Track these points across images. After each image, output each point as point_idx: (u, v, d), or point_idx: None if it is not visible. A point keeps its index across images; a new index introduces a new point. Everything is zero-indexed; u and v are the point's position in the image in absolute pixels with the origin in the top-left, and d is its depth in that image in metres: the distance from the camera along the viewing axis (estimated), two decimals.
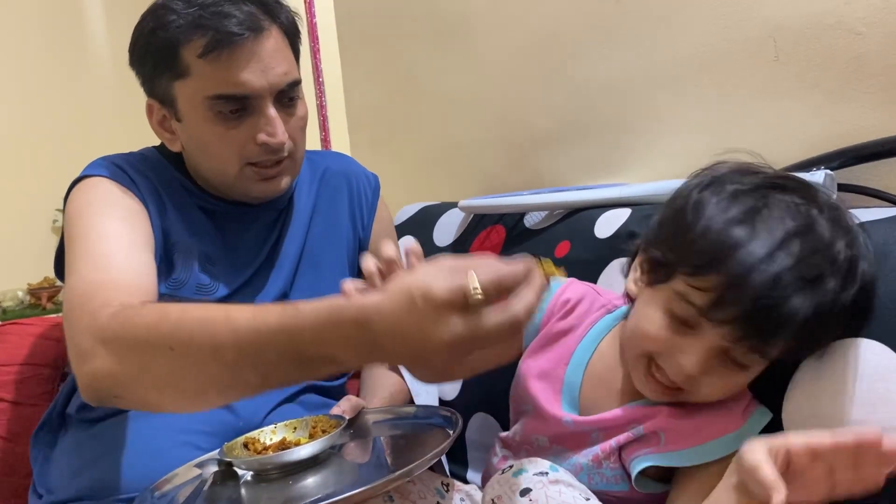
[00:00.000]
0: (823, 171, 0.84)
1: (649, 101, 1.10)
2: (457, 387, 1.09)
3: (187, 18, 0.84)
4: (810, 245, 0.63)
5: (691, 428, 0.69)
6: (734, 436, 0.68)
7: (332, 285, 1.02)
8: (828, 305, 0.63)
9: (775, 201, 0.66)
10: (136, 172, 0.93)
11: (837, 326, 0.66)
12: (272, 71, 0.87)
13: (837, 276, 0.63)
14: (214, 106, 0.86)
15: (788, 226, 0.64)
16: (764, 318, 0.62)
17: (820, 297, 0.62)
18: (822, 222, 0.65)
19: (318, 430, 0.77)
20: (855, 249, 0.65)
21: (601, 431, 0.74)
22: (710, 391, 0.68)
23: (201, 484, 0.75)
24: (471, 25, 1.38)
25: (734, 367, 0.67)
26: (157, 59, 0.88)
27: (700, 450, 0.68)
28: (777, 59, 0.94)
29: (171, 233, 0.92)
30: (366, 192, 1.09)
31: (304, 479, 0.70)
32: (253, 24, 0.85)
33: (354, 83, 1.72)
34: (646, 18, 1.09)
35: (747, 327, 0.63)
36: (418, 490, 0.73)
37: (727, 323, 0.63)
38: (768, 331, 0.63)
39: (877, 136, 0.86)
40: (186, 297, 0.91)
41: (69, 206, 0.89)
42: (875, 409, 0.64)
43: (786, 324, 0.62)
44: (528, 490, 0.63)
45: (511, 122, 1.33)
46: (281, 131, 0.88)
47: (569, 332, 0.81)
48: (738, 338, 0.64)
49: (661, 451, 0.69)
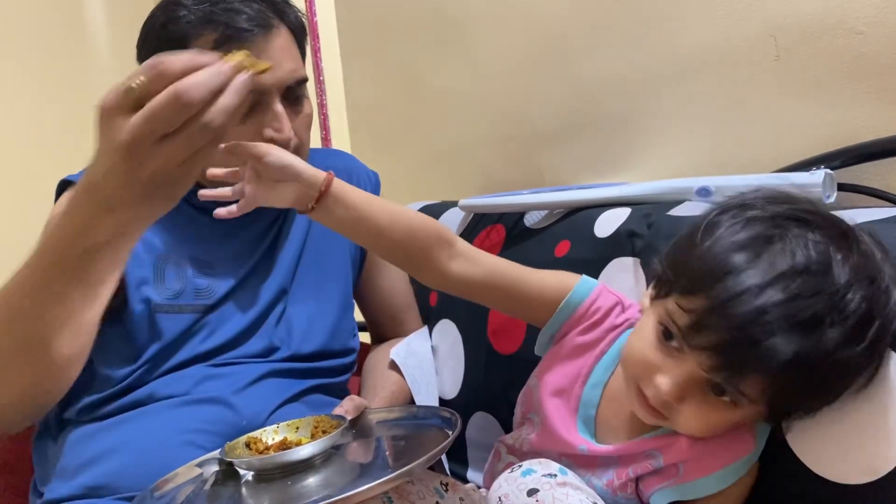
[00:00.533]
0: (824, 170, 0.84)
1: (650, 100, 1.10)
2: (457, 386, 1.09)
3: (198, 14, 0.85)
4: (813, 285, 0.58)
5: (709, 454, 0.67)
6: (748, 458, 0.67)
7: (335, 282, 1.03)
8: (820, 357, 0.57)
9: (793, 234, 0.60)
10: None
11: (837, 384, 0.61)
12: (281, 67, 0.88)
13: (841, 326, 0.57)
14: None
15: (796, 261, 0.58)
16: (739, 351, 0.58)
17: (811, 343, 0.57)
18: (840, 265, 0.59)
19: (320, 430, 0.77)
20: (874, 304, 0.59)
21: (616, 458, 0.72)
22: (690, 423, 0.65)
23: (202, 483, 0.76)
24: (471, 24, 1.38)
25: (715, 401, 0.63)
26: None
27: (719, 476, 0.66)
28: (778, 59, 0.94)
29: (160, 245, 0.92)
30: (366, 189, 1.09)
31: (305, 479, 0.70)
32: (263, 20, 0.87)
33: (355, 82, 1.72)
34: (646, 18, 1.09)
35: (722, 357, 0.59)
36: (417, 490, 0.74)
37: (704, 349, 0.60)
38: (742, 365, 0.59)
39: (877, 135, 0.86)
40: (187, 303, 0.91)
41: (50, 215, 0.93)
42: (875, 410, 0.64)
43: (762, 362, 0.57)
44: (536, 490, 0.63)
45: (511, 122, 1.33)
46: (288, 127, 0.89)
47: (590, 347, 0.77)
48: (713, 367, 0.60)
49: (680, 483, 0.68)
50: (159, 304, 0.90)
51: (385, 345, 1.12)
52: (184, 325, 0.91)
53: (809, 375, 0.59)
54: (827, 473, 0.66)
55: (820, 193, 0.83)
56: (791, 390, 0.61)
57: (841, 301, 0.58)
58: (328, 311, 1.01)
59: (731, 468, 0.67)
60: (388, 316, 1.14)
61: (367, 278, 1.11)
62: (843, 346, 0.58)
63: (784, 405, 0.64)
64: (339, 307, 1.02)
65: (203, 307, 0.92)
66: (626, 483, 0.71)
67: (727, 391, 0.62)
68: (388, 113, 1.65)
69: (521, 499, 0.63)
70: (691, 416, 0.64)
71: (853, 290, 0.58)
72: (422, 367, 1.08)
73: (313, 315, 0.99)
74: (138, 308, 0.89)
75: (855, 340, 0.58)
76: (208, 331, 0.92)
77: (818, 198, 0.83)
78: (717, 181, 0.92)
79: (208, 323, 0.92)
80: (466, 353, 1.09)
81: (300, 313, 0.98)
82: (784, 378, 0.59)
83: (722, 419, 0.64)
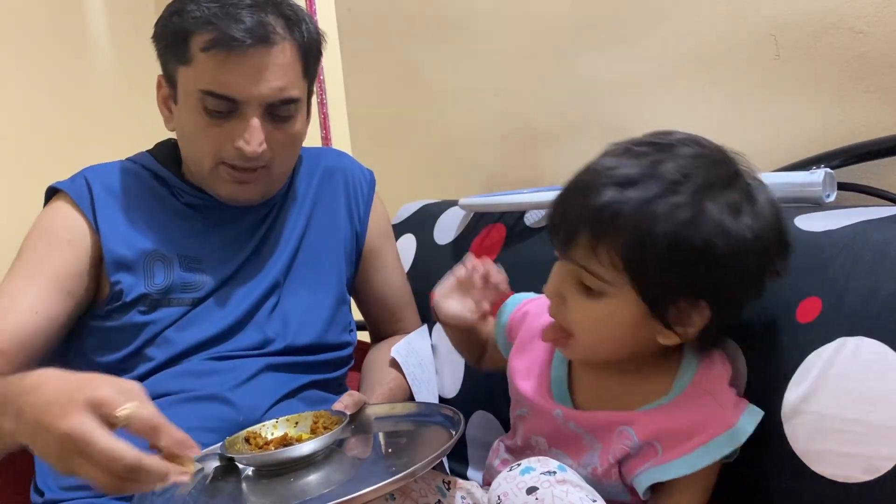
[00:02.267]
0: (824, 169, 0.84)
1: (650, 98, 1.11)
2: (457, 385, 1.09)
3: (204, 12, 0.87)
4: (640, 164, 0.64)
5: (685, 430, 0.68)
6: (728, 434, 0.67)
7: (329, 276, 1.04)
8: (634, 209, 0.62)
9: (640, 152, 0.66)
10: (105, 190, 0.95)
11: (678, 257, 0.63)
12: (267, 84, 0.88)
13: (657, 183, 0.63)
14: (204, 100, 0.88)
15: (636, 161, 0.65)
16: (566, 208, 0.67)
17: (622, 196, 0.63)
18: (667, 164, 0.64)
19: (320, 425, 0.77)
20: (691, 168, 0.64)
21: (592, 434, 0.73)
22: (578, 322, 0.69)
23: (202, 479, 0.76)
24: (472, 23, 1.38)
25: (588, 297, 0.67)
26: (169, 41, 0.91)
27: (698, 454, 0.67)
28: (778, 58, 0.95)
29: (147, 243, 0.93)
30: (361, 187, 1.10)
31: (306, 475, 0.70)
32: (261, 34, 0.86)
33: (355, 81, 1.72)
34: (647, 16, 1.09)
35: (552, 223, 0.69)
36: (420, 488, 0.74)
37: (548, 230, 0.70)
38: (569, 222, 0.66)
39: (877, 134, 0.86)
40: (176, 297, 0.92)
41: (32, 225, 0.95)
42: (876, 409, 0.64)
43: (583, 213, 0.64)
44: (535, 489, 0.63)
45: (512, 120, 1.33)
46: (257, 143, 0.89)
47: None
48: (553, 236, 0.69)
49: (660, 464, 0.68)
50: (149, 298, 0.91)
51: (385, 342, 1.12)
52: (174, 316, 0.92)
53: (637, 239, 0.63)
54: (826, 472, 0.66)
55: (820, 192, 0.83)
56: (635, 262, 0.64)
57: (658, 167, 0.64)
58: (323, 303, 1.01)
59: (711, 444, 0.67)
60: (387, 313, 1.14)
61: (364, 275, 1.11)
62: (657, 198, 0.62)
63: (646, 285, 0.65)
64: (334, 301, 1.03)
65: (192, 300, 0.93)
66: (609, 469, 0.71)
67: (590, 280, 0.66)
68: (388, 112, 1.66)
69: (520, 497, 0.63)
70: (576, 313, 0.69)
71: (668, 164, 0.64)
72: (422, 366, 1.08)
73: (308, 307, 0.99)
74: (128, 303, 0.90)
75: (668, 193, 0.63)
76: (199, 322, 0.92)
77: (818, 197, 0.84)
78: None
79: (198, 315, 0.92)
80: None
81: (294, 305, 0.98)
82: (613, 241, 0.64)
83: (603, 312, 0.67)
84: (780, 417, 0.70)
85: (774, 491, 0.70)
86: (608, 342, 0.70)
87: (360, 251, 1.09)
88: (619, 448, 0.70)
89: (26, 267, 0.90)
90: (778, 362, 0.72)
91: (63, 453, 0.57)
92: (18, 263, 0.91)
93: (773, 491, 0.70)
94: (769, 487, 0.71)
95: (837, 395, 0.67)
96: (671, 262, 0.63)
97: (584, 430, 0.74)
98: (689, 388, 0.70)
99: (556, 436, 0.76)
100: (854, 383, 0.66)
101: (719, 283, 0.65)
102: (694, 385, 0.70)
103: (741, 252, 0.63)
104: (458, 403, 1.07)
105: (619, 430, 0.71)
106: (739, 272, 0.65)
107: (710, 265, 0.63)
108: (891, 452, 0.62)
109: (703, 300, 0.66)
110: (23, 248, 0.93)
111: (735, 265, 0.64)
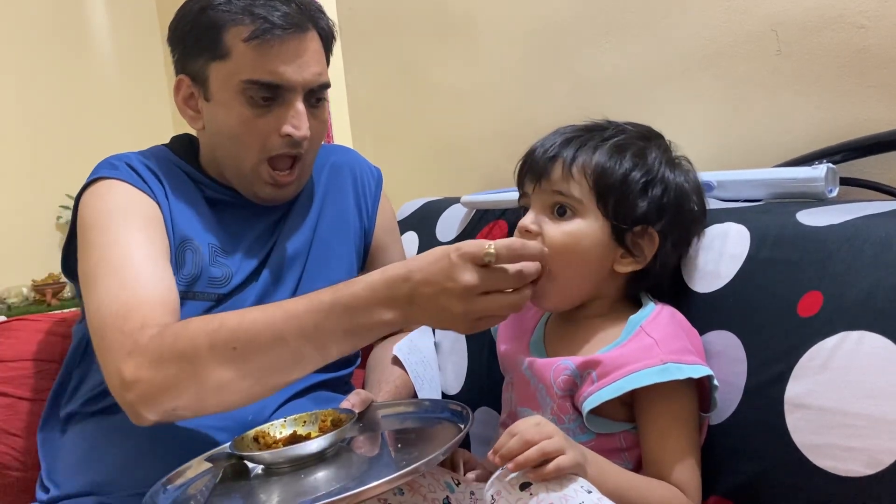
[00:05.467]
0: (826, 164, 0.84)
1: (651, 95, 1.11)
2: (460, 381, 1.10)
3: (238, 5, 0.88)
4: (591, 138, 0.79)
5: (619, 362, 0.73)
6: (662, 368, 0.71)
7: (341, 274, 1.04)
8: (603, 136, 0.78)
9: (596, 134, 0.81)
10: (148, 173, 0.94)
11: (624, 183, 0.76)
12: (308, 69, 0.90)
13: (615, 128, 0.80)
14: (248, 90, 0.89)
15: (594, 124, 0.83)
16: (531, 158, 0.81)
17: (594, 132, 0.79)
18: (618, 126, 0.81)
19: (328, 423, 0.78)
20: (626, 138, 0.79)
21: (538, 378, 0.79)
22: (551, 241, 0.76)
23: (213, 478, 0.76)
24: (473, 20, 1.38)
25: (561, 220, 0.77)
26: (198, 37, 0.91)
27: (629, 379, 0.71)
28: (779, 53, 0.95)
29: (182, 230, 0.93)
30: (369, 184, 1.10)
31: (315, 472, 0.71)
32: (298, 21, 0.89)
33: (357, 78, 1.72)
34: (648, 14, 1.09)
35: (527, 163, 0.81)
36: (428, 483, 0.74)
37: (521, 174, 0.82)
38: (538, 166, 0.79)
39: (879, 129, 0.86)
40: (200, 291, 0.92)
41: (84, 211, 0.89)
42: (877, 402, 0.65)
43: (546, 156, 0.79)
44: (528, 484, 0.63)
45: (513, 117, 1.33)
46: (306, 126, 0.91)
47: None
48: (522, 178, 0.81)
49: (596, 391, 0.73)
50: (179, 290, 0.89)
51: (388, 340, 1.12)
52: (198, 311, 0.91)
53: (605, 162, 0.76)
54: (828, 466, 0.67)
55: (822, 187, 0.83)
56: (603, 182, 0.76)
57: (612, 124, 0.81)
58: None
59: (642, 373, 0.71)
60: None
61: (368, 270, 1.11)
62: (618, 134, 0.79)
63: (609, 204, 0.76)
64: None
65: (216, 296, 0.93)
66: (562, 404, 0.76)
67: (562, 204, 0.77)
68: (389, 109, 1.66)
69: (514, 494, 0.63)
70: (551, 236, 0.77)
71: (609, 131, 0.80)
72: (424, 363, 1.09)
73: None
74: None
75: (621, 133, 0.79)
76: None
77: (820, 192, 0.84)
78: (719, 176, 0.93)
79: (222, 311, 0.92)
80: (469, 348, 1.10)
81: None
82: (585, 164, 0.77)
83: (573, 229, 0.77)
84: (783, 411, 0.71)
85: (777, 485, 0.71)
86: (576, 264, 0.77)
87: (368, 247, 1.10)
88: (562, 379, 0.76)
89: (141, 250, 0.85)
90: (779, 356, 0.72)
91: (467, 304, 0.67)
92: (123, 236, 0.85)
93: (776, 485, 0.71)
94: (771, 482, 0.71)
95: (839, 389, 0.67)
96: (630, 183, 0.76)
97: (532, 374, 0.80)
98: (634, 334, 0.75)
99: (522, 388, 0.82)
100: (856, 377, 0.66)
101: (664, 210, 0.77)
102: (640, 330, 0.75)
103: (681, 187, 0.79)
104: (462, 400, 1.07)
105: (556, 364, 0.77)
106: (679, 205, 0.78)
107: (660, 192, 0.77)
108: (893, 446, 0.63)
109: (653, 227, 0.77)
110: (107, 232, 0.86)
111: (676, 197, 0.78)
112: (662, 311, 0.78)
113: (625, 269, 0.78)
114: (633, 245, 0.78)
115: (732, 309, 0.78)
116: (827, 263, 0.72)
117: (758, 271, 0.78)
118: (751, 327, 0.76)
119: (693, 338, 0.77)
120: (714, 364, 0.77)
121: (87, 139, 2.11)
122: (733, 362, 0.76)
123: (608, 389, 0.72)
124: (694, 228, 0.83)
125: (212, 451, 0.80)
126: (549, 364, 0.78)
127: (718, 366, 0.77)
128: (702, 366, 0.72)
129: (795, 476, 0.69)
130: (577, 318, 0.81)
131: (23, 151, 2.14)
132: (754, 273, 0.78)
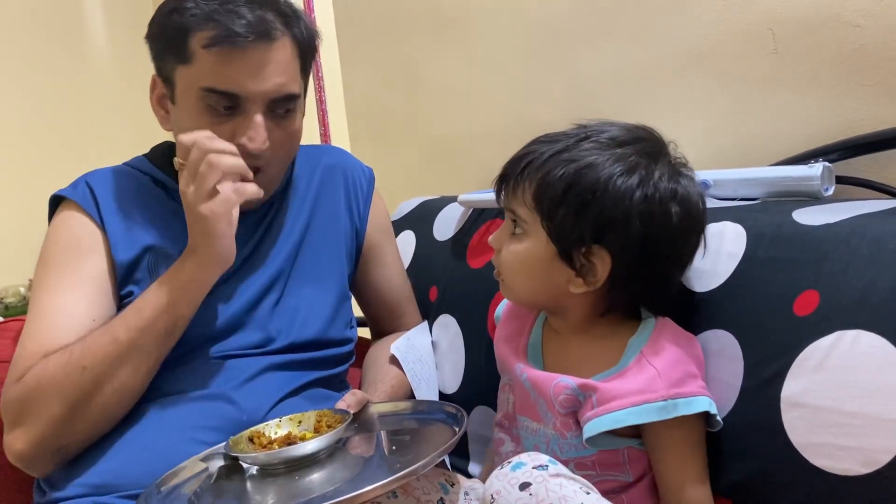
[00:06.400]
0: (822, 163, 0.84)
1: (648, 94, 1.11)
2: (458, 380, 1.10)
3: (203, 9, 0.87)
4: (560, 135, 0.78)
5: (620, 392, 0.71)
6: (659, 406, 0.70)
7: (331, 272, 1.04)
8: (544, 153, 0.75)
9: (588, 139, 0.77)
10: (107, 194, 0.95)
11: (578, 200, 0.72)
12: (270, 79, 0.88)
13: (566, 139, 0.76)
14: (206, 98, 0.88)
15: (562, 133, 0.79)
16: (500, 175, 0.80)
17: (540, 148, 0.77)
18: (586, 131, 0.77)
19: (323, 424, 0.78)
20: (599, 134, 0.76)
21: (536, 391, 0.77)
22: (504, 258, 0.79)
23: (207, 478, 0.76)
24: (470, 18, 1.38)
25: (515, 235, 0.78)
26: (167, 40, 0.90)
27: (626, 413, 0.70)
28: (776, 52, 0.95)
29: (150, 243, 0.93)
30: (361, 184, 1.10)
31: (310, 473, 0.71)
32: (262, 30, 0.87)
33: (353, 78, 1.72)
34: (645, 12, 1.09)
35: (500, 181, 0.80)
36: (422, 486, 0.74)
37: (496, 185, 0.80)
38: (510, 181, 0.78)
39: (875, 128, 0.86)
40: None
41: (46, 237, 0.96)
42: (874, 401, 0.64)
43: (515, 171, 0.77)
44: (528, 484, 0.63)
45: (510, 116, 1.33)
46: (262, 139, 0.89)
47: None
48: (496, 194, 0.80)
49: (597, 416, 0.71)
50: None
51: (385, 339, 1.12)
52: None
53: (542, 180, 0.74)
54: (825, 465, 0.66)
55: (818, 186, 0.83)
56: (542, 201, 0.74)
57: (576, 133, 0.77)
58: (325, 299, 1.01)
59: (641, 409, 0.70)
60: (387, 309, 1.15)
61: (364, 272, 1.11)
62: (563, 150, 0.75)
63: (552, 224, 0.74)
64: (336, 297, 1.03)
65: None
66: (565, 420, 0.74)
67: (517, 223, 0.77)
68: (386, 109, 1.66)
69: (514, 494, 0.63)
70: (504, 254, 0.79)
71: (593, 131, 0.76)
72: (422, 362, 1.09)
73: (311, 303, 0.99)
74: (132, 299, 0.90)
75: (572, 147, 0.74)
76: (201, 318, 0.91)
77: (816, 190, 0.84)
78: (715, 174, 0.92)
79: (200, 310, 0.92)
80: (467, 347, 1.09)
81: (297, 301, 0.98)
82: (529, 183, 0.75)
83: (522, 249, 0.77)
84: (779, 410, 0.70)
85: (773, 484, 0.71)
86: (524, 277, 0.78)
87: (360, 248, 1.10)
88: (563, 398, 0.74)
89: (65, 279, 0.90)
90: (776, 355, 0.72)
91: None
92: (53, 279, 0.91)
93: (772, 484, 0.71)
94: (767, 480, 0.71)
95: (835, 388, 0.67)
96: (565, 202, 0.72)
97: (531, 388, 0.78)
98: (635, 360, 0.73)
99: (522, 398, 0.80)
100: (852, 376, 0.66)
101: (608, 228, 0.72)
102: (640, 357, 0.73)
103: (624, 201, 0.71)
104: (459, 399, 1.08)
105: (556, 381, 0.75)
106: (624, 220, 0.71)
107: (597, 209, 0.71)
108: (889, 445, 0.63)
109: (601, 246, 0.72)
110: (48, 262, 0.92)
111: (618, 213, 0.71)
112: (663, 330, 0.76)
113: (578, 290, 0.75)
114: (581, 266, 0.74)
115: (729, 308, 0.78)
116: (823, 262, 0.72)
117: (754, 270, 0.78)
118: (747, 326, 0.76)
119: (694, 351, 0.76)
120: (711, 363, 0.77)
121: (84, 139, 2.10)
122: (730, 361, 0.76)
123: (607, 419, 0.71)
124: (679, 239, 0.75)
125: (206, 452, 0.80)
126: (548, 380, 0.76)
127: (715, 365, 0.77)
128: (701, 397, 0.71)
129: (792, 475, 0.69)
130: (573, 330, 0.80)
131: (19, 151, 2.13)
132: (751, 272, 0.78)
